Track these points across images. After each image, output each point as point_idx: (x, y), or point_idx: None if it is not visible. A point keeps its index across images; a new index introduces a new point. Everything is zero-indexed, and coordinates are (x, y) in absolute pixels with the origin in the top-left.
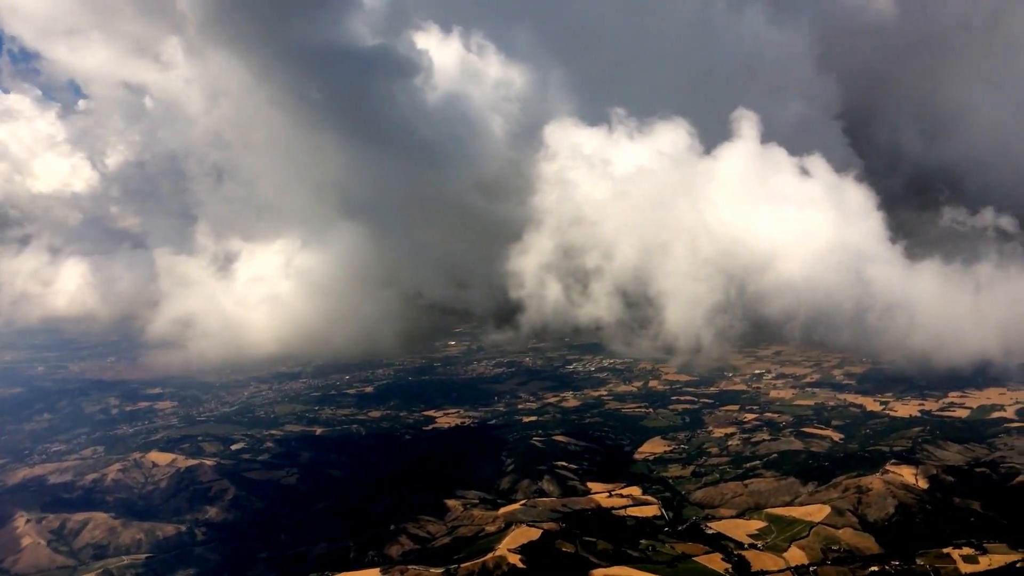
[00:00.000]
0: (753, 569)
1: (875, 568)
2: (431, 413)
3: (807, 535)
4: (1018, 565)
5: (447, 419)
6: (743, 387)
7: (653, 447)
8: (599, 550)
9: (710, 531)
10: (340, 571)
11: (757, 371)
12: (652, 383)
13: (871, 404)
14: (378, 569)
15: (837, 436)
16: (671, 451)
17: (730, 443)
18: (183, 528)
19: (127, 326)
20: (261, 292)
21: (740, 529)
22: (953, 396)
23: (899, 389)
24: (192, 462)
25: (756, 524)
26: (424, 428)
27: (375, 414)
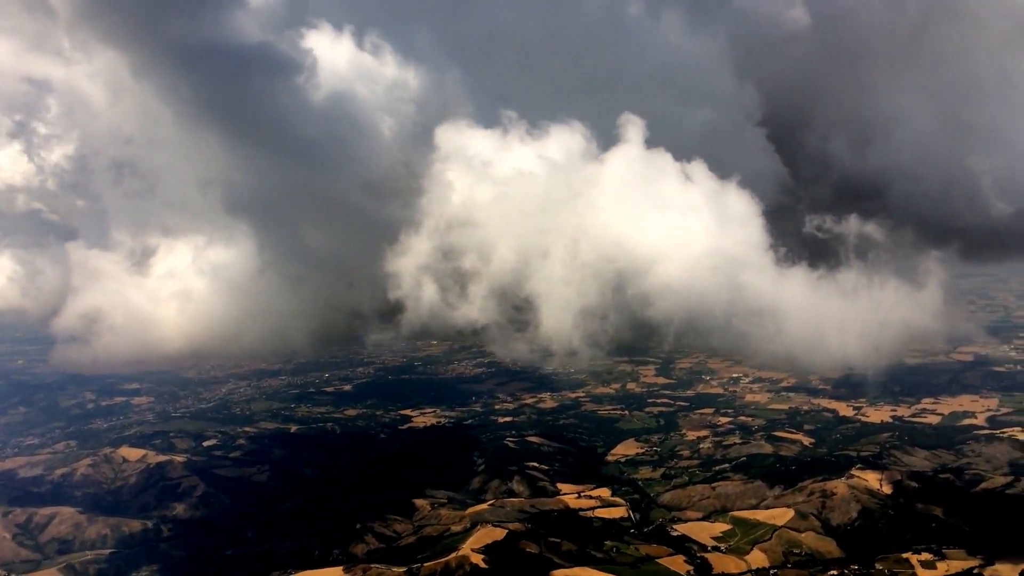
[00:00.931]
0: (715, 571)
1: (834, 572)
2: (408, 412)
3: (770, 538)
4: (975, 571)
5: (423, 418)
6: (720, 391)
7: (626, 449)
8: (563, 551)
9: (675, 533)
10: (304, 569)
11: (735, 375)
12: (630, 385)
13: (844, 409)
14: (341, 568)
15: (808, 440)
16: (643, 453)
17: (702, 446)
18: (149, 524)
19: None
20: (172, 288)
21: (705, 531)
22: (926, 402)
23: (873, 395)
24: (162, 458)
25: (721, 527)
26: (400, 427)
27: (351, 412)
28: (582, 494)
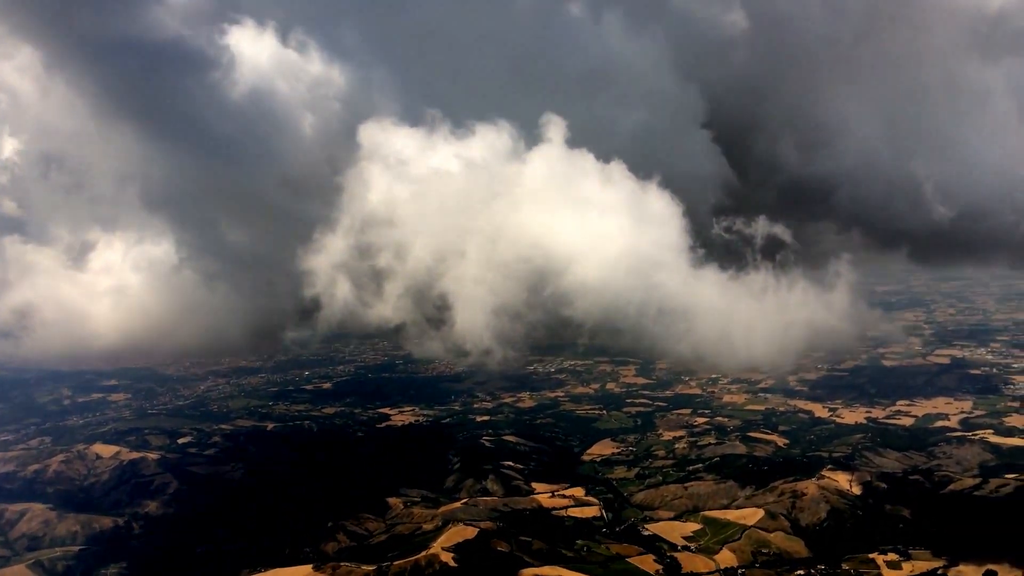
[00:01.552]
0: (684, 571)
1: (801, 572)
2: (386, 410)
3: (739, 538)
4: (939, 572)
5: (402, 417)
6: (698, 391)
7: (602, 449)
8: (534, 550)
9: (646, 532)
10: (274, 567)
11: (714, 376)
12: (610, 385)
13: (820, 410)
14: (310, 566)
15: (782, 441)
16: (619, 453)
17: (677, 446)
18: (120, 521)
19: None
20: (107, 284)
21: (676, 531)
22: (901, 404)
23: (849, 396)
24: (136, 455)
25: (692, 526)
26: (377, 425)
27: (329, 410)
28: (556, 493)
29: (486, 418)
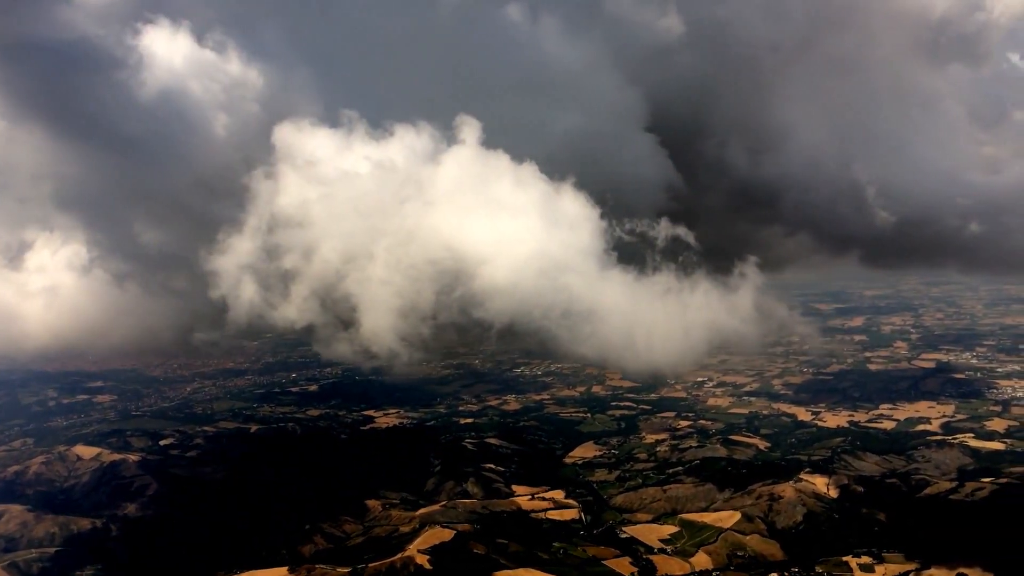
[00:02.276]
0: (659, 573)
1: (775, 574)
2: (371, 413)
3: (715, 541)
4: (910, 575)
5: (386, 419)
6: (683, 394)
7: (584, 451)
8: (510, 552)
9: (624, 535)
10: (251, 569)
11: (699, 379)
12: (595, 388)
13: (803, 414)
14: (286, 568)
15: (763, 444)
16: (601, 456)
17: (659, 449)
18: (99, 523)
19: None
20: (40, 283)
21: (653, 534)
22: (884, 408)
23: (833, 400)
24: (117, 457)
25: (669, 529)
26: (362, 428)
27: (314, 413)
28: (536, 496)
29: (470, 420)
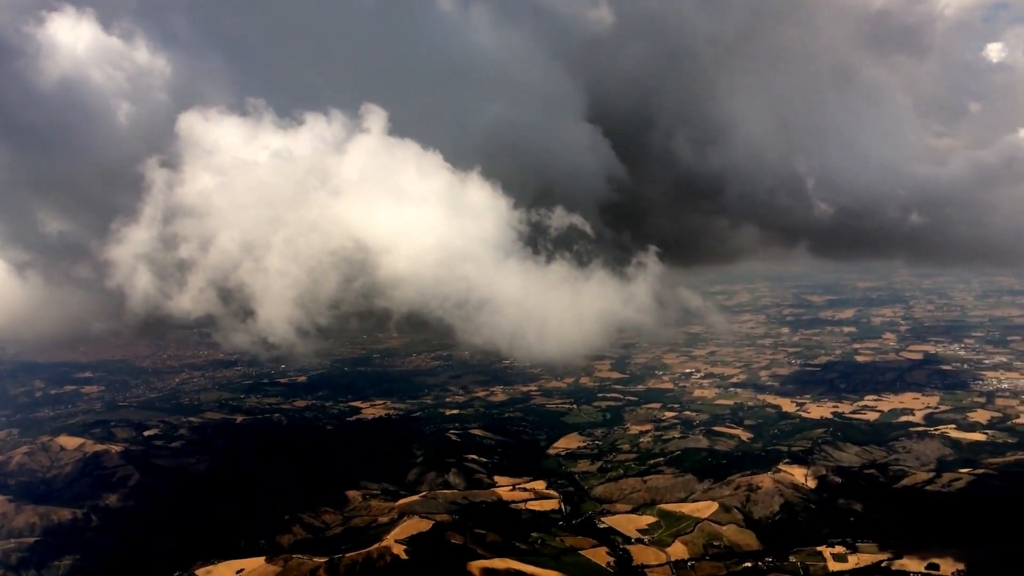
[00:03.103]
0: (635, 563)
1: (748, 564)
2: (358, 404)
3: (692, 531)
4: (883, 564)
5: (373, 410)
6: (670, 385)
7: (568, 442)
8: (488, 542)
9: (602, 525)
10: (230, 559)
11: (687, 370)
12: (583, 380)
13: (788, 405)
14: (263, 558)
15: (746, 435)
16: (585, 447)
17: (642, 440)
18: (79, 514)
19: None
20: None
21: (631, 524)
22: (869, 399)
23: (818, 391)
24: (100, 447)
25: (647, 519)
26: (348, 419)
27: (300, 404)
28: (517, 487)
29: (455, 412)
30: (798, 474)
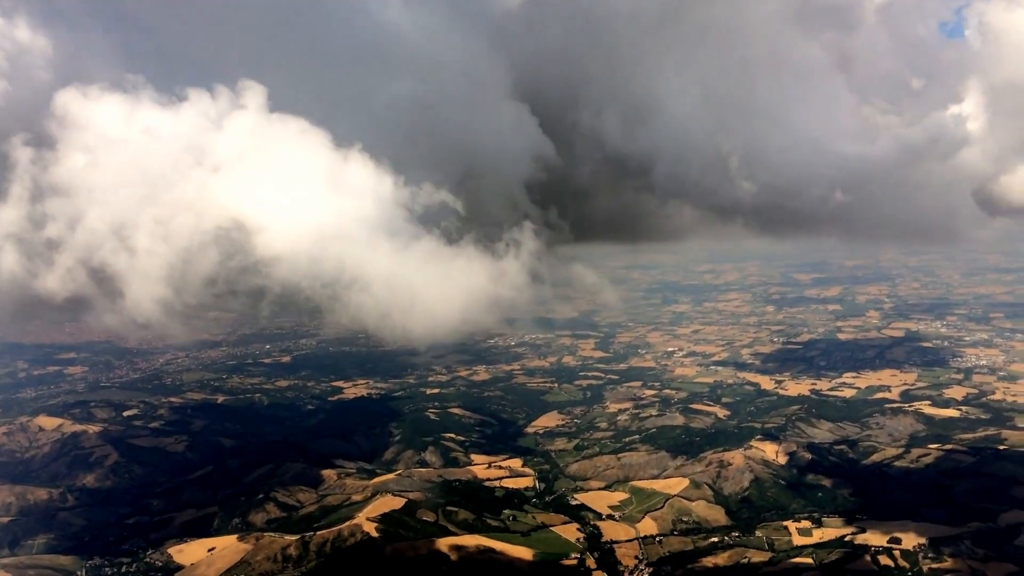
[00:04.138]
0: (604, 539)
1: (715, 539)
2: (340, 384)
3: (662, 507)
4: (845, 538)
5: (355, 390)
6: (652, 364)
7: (547, 421)
8: (459, 520)
9: (575, 502)
10: (202, 537)
11: (670, 349)
12: (566, 359)
13: (766, 383)
14: (235, 536)
15: (723, 413)
16: (563, 425)
17: (619, 418)
18: (56, 493)
19: None
20: None
21: (603, 500)
22: (847, 376)
23: (798, 369)
24: (78, 428)
25: (619, 496)
26: (329, 398)
27: (282, 384)
28: (493, 465)
29: (436, 391)
30: (769, 450)
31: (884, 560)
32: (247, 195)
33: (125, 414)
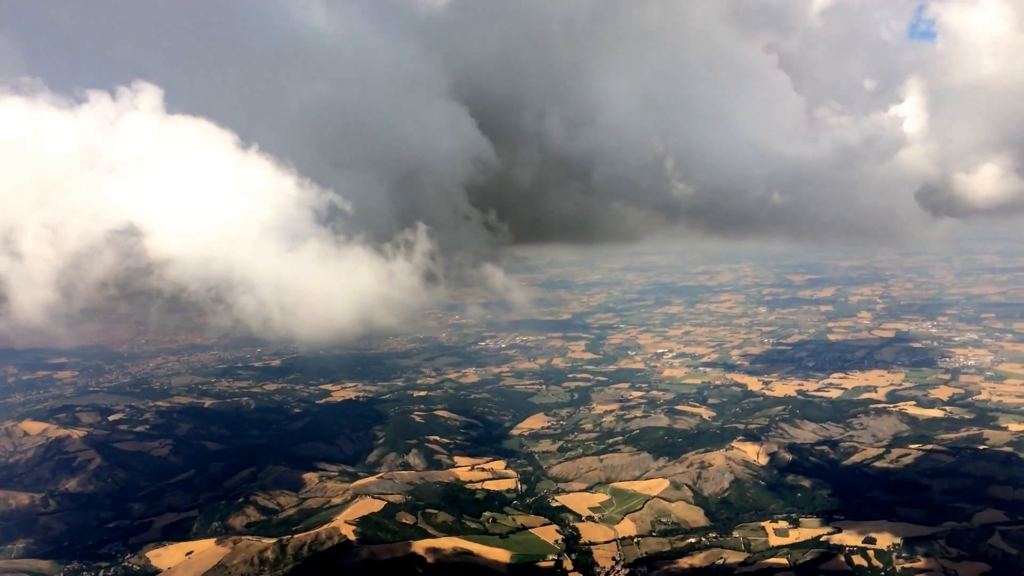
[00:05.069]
0: (583, 540)
1: (692, 540)
2: (329, 387)
3: (641, 508)
4: (821, 539)
5: (343, 393)
6: (641, 365)
7: (533, 423)
8: (438, 522)
9: (556, 504)
10: (181, 541)
11: (660, 350)
12: (556, 360)
13: (754, 383)
14: (213, 540)
15: (708, 414)
16: (549, 427)
17: (604, 420)
18: (38, 498)
19: None
20: None
21: (584, 502)
22: (835, 377)
23: (786, 369)
24: (63, 432)
25: (600, 497)
26: (317, 402)
27: (271, 387)
28: (476, 467)
29: (424, 393)
30: (751, 451)
31: (858, 560)
32: (141, 197)
33: (111, 418)
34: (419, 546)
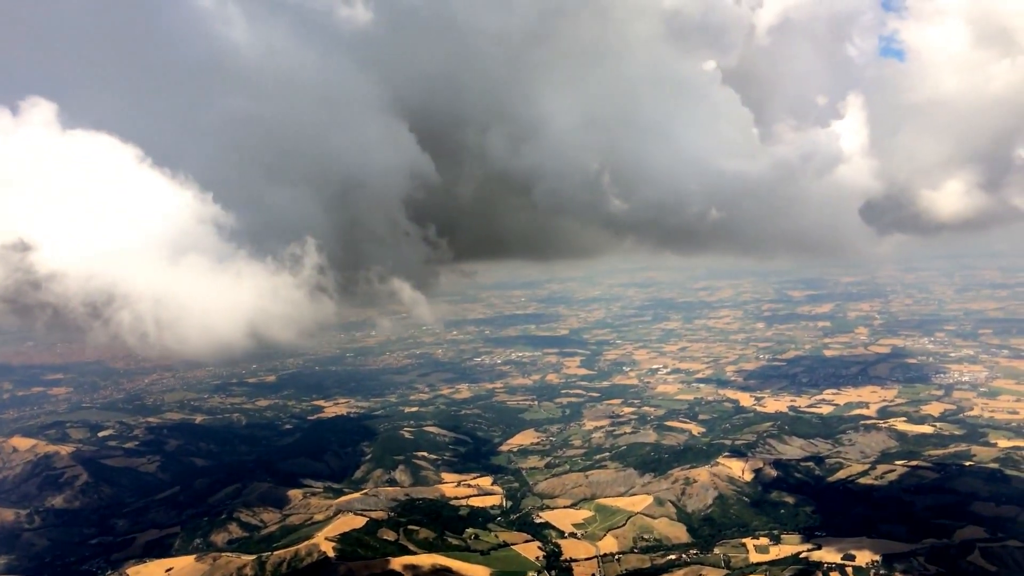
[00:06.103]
0: (564, 557)
1: (673, 556)
2: (321, 403)
3: (624, 524)
4: (801, 555)
5: (336, 409)
6: (635, 381)
7: (523, 439)
8: (420, 538)
9: (539, 520)
10: (162, 558)
11: (655, 366)
12: (550, 376)
13: (746, 399)
14: (193, 556)
15: (698, 430)
16: (538, 443)
17: (594, 436)
18: (23, 514)
19: None
20: None
21: (568, 519)
22: (828, 393)
23: (779, 385)
24: (51, 448)
25: (584, 514)
26: (308, 418)
27: (263, 403)
28: (462, 483)
29: (415, 409)
30: (736, 467)
31: None
32: (31, 212)
33: (100, 435)
34: (398, 563)
